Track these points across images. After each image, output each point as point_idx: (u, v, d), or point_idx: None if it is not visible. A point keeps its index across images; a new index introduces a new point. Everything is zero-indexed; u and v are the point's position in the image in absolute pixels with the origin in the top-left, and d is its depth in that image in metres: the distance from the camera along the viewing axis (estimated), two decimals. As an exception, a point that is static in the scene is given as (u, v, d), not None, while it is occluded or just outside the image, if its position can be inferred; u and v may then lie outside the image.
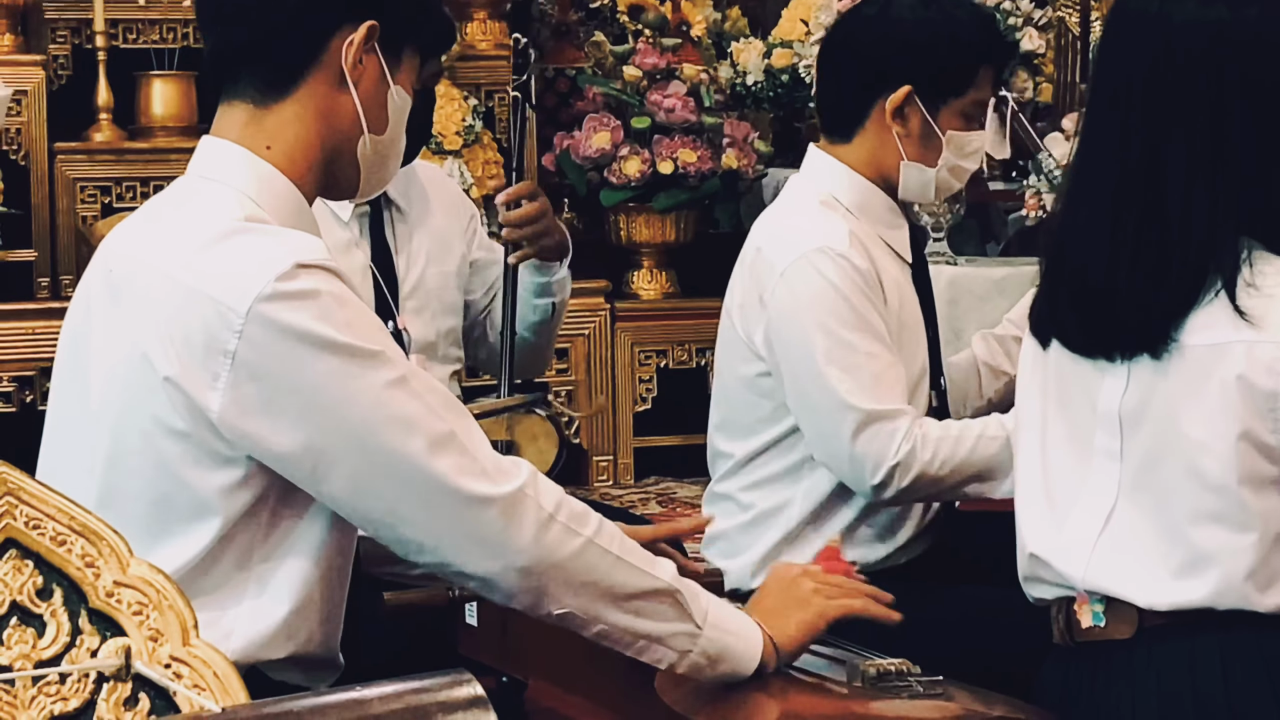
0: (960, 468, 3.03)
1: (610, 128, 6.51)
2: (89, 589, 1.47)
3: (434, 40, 2.40)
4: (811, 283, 3.06)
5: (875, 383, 3.03)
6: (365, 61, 2.27)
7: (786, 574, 2.47)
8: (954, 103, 3.17)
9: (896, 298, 3.16)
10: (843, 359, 3.03)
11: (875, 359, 3.04)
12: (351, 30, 2.25)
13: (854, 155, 3.19)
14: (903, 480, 3.02)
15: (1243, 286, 2.31)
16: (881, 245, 3.19)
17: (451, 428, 2.15)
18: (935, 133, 3.16)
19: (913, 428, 3.02)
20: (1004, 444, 3.01)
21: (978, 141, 3.22)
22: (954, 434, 3.04)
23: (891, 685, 2.38)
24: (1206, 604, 2.36)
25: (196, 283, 2.12)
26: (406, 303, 3.71)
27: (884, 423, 3.01)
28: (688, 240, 6.65)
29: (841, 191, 3.18)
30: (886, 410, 3.02)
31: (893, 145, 3.17)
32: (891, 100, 3.14)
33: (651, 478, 6.57)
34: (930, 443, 3.02)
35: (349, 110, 2.27)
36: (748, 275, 3.18)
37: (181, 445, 2.13)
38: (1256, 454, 2.32)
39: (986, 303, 5.15)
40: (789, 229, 3.16)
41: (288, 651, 2.20)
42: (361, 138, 2.28)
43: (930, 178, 3.19)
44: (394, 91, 2.30)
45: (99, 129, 6.18)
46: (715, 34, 6.92)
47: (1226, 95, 2.33)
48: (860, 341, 3.04)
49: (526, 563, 2.17)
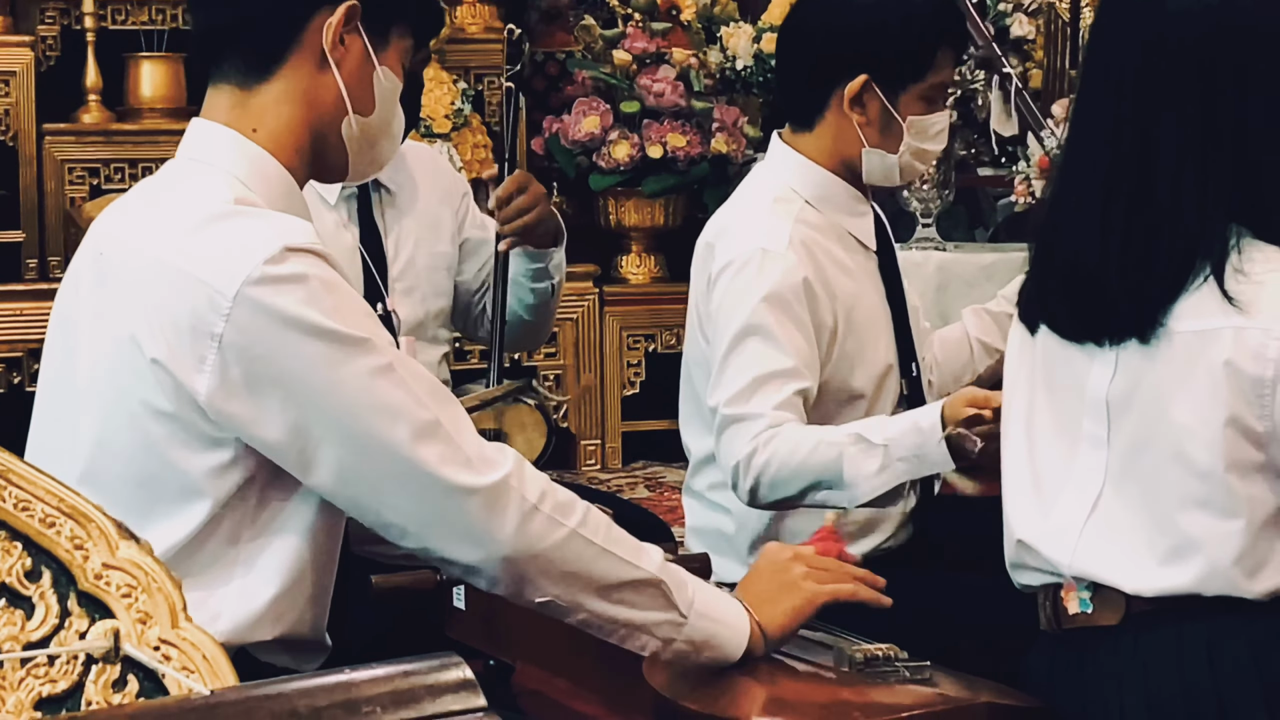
0: (797, 472, 2.93)
1: (599, 112, 6.51)
2: (78, 571, 1.47)
3: (423, 22, 2.39)
4: (736, 285, 3.05)
5: (748, 386, 2.98)
6: (348, 42, 2.26)
7: (778, 557, 2.47)
8: (913, 87, 3.14)
9: (850, 294, 3.14)
10: (735, 360, 3.01)
11: (765, 361, 2.99)
12: (331, 11, 2.24)
13: (816, 144, 3.18)
14: (745, 482, 2.96)
15: (1231, 273, 2.32)
16: (844, 236, 3.17)
17: (436, 416, 2.15)
18: (895, 119, 3.14)
19: (764, 432, 2.95)
20: (841, 449, 2.92)
21: (940, 123, 3.19)
22: (797, 438, 2.95)
23: (879, 670, 2.38)
24: (1193, 590, 2.36)
25: (185, 265, 2.11)
26: (396, 285, 3.70)
27: (739, 425, 2.97)
28: (676, 225, 6.66)
29: (800, 184, 3.17)
30: (742, 414, 2.97)
31: (853, 133, 3.15)
32: (849, 89, 3.11)
33: (639, 462, 6.58)
34: (771, 446, 2.94)
35: (332, 91, 2.26)
36: (700, 268, 3.18)
37: (169, 427, 2.13)
38: (1243, 440, 2.32)
39: (975, 288, 5.15)
40: (735, 227, 3.15)
41: (276, 633, 2.20)
42: (346, 119, 2.28)
43: (893, 163, 3.17)
44: (380, 73, 2.30)
45: (87, 110, 6.17)
46: (705, 19, 6.92)
47: (1219, 83, 2.33)
48: (756, 346, 3.00)
49: (509, 552, 2.17)
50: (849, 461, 2.92)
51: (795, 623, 2.40)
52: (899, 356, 3.22)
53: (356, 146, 2.31)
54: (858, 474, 2.91)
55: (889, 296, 3.23)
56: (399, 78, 2.34)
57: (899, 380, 3.22)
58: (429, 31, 2.43)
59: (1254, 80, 2.34)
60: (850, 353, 3.13)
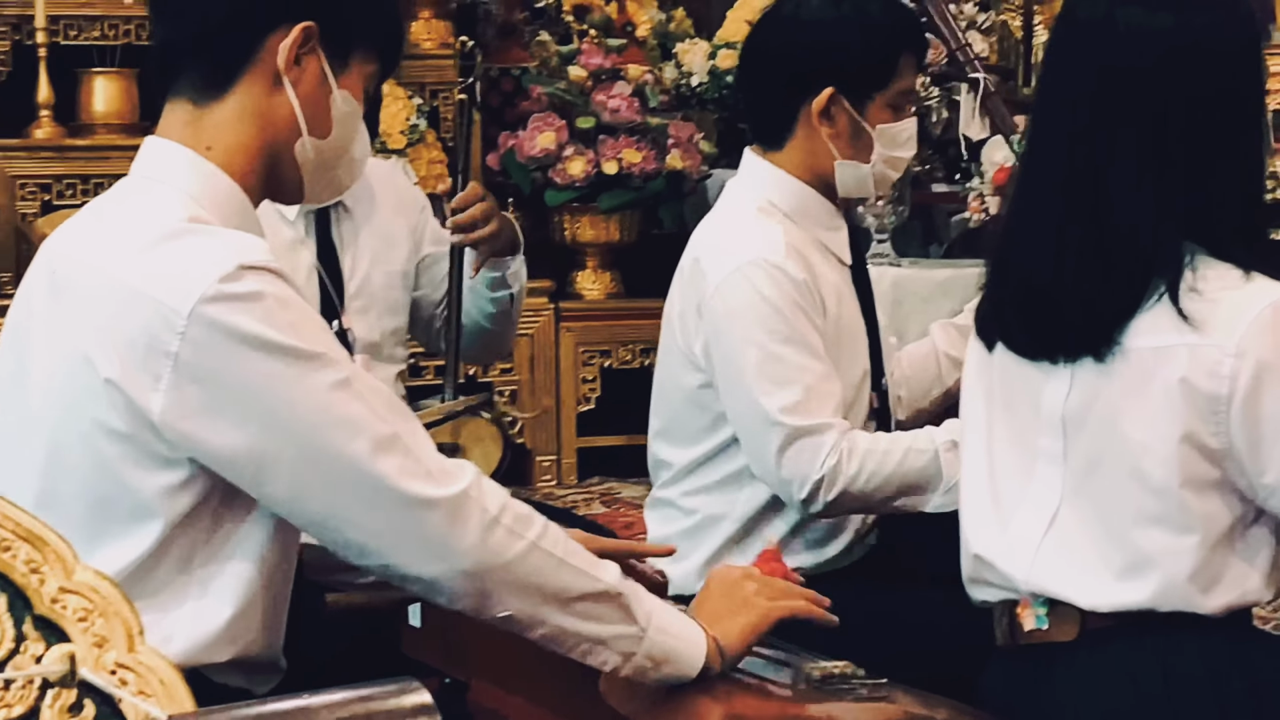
0: (887, 481, 3.02)
1: (555, 128, 6.51)
2: (34, 595, 1.46)
3: (389, 47, 2.37)
4: (745, 295, 3.05)
5: (805, 397, 3.02)
6: (305, 63, 2.25)
7: (728, 576, 2.47)
8: (879, 96, 3.15)
9: (835, 302, 3.16)
10: (773, 373, 3.03)
11: (806, 372, 3.03)
12: (287, 31, 2.23)
13: (787, 160, 3.19)
14: (828, 495, 3.01)
15: (1186, 290, 2.33)
16: (820, 249, 3.19)
17: (395, 430, 2.14)
18: (864, 129, 3.15)
19: (840, 442, 3.00)
20: (932, 457, 3.03)
21: (908, 130, 3.21)
22: (882, 448, 3.03)
23: (835, 688, 2.38)
24: (1148, 606, 2.37)
25: (138, 283, 2.10)
26: (352, 302, 3.69)
27: (809, 438, 3.01)
28: (632, 240, 6.66)
29: (778, 197, 3.18)
30: (812, 425, 3.01)
31: (824, 147, 3.16)
32: (816, 104, 3.13)
33: (595, 478, 6.57)
34: (856, 457, 3.01)
35: (286, 112, 2.25)
36: (687, 286, 3.18)
37: (122, 447, 2.12)
38: (1198, 456, 2.33)
39: (930, 304, 5.17)
40: (725, 239, 3.15)
41: (230, 654, 2.19)
42: (300, 140, 2.27)
43: (866, 173, 3.19)
44: (338, 95, 2.28)
45: (40, 126, 6.14)
46: (660, 35, 6.93)
47: (1172, 102, 2.35)
48: (792, 355, 3.03)
49: (470, 565, 2.16)
50: (948, 466, 3.02)
51: (751, 639, 2.40)
52: (872, 369, 3.24)
53: (312, 169, 2.30)
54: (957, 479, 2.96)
55: (863, 310, 3.25)
56: (359, 102, 2.32)
57: (870, 394, 3.23)
58: (394, 57, 2.40)
59: (1205, 100, 2.35)
60: (835, 359, 3.15)
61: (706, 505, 3.19)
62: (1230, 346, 2.30)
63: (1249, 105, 2.40)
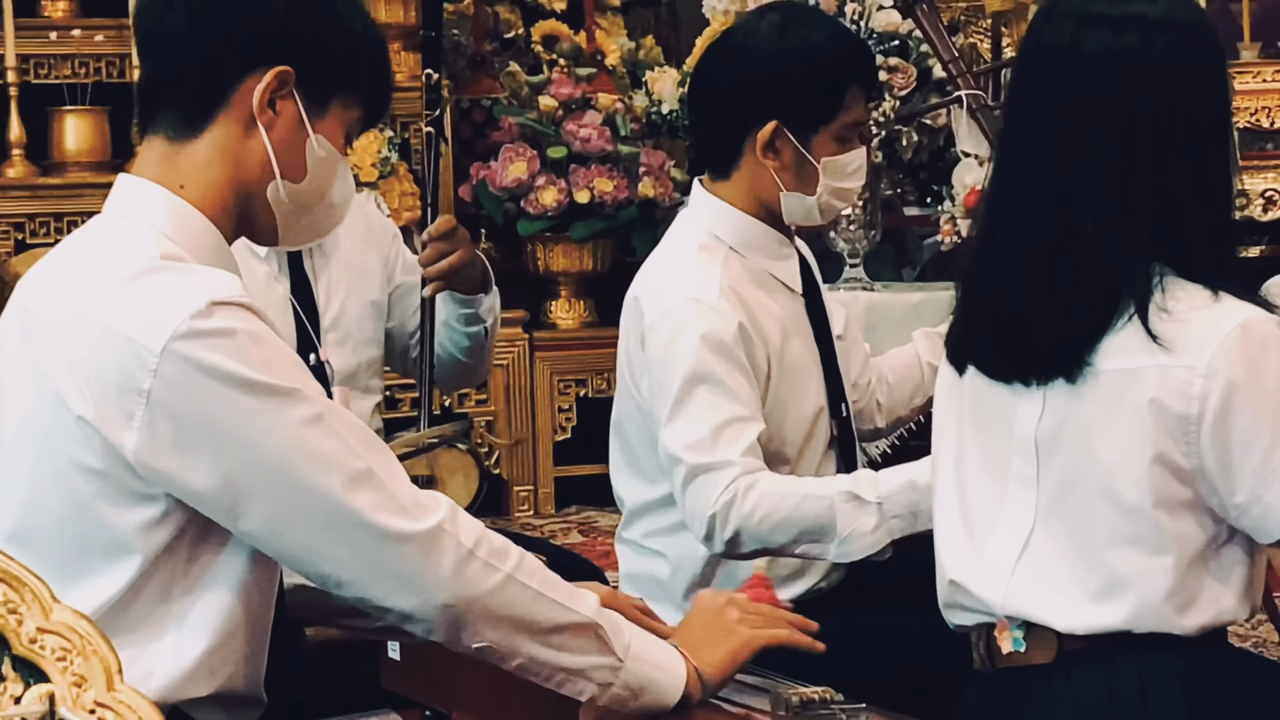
0: (782, 524, 2.95)
1: (526, 158, 6.52)
2: (11, 636, 1.46)
3: (374, 95, 2.36)
4: (673, 335, 3.04)
5: (710, 435, 2.98)
6: (280, 107, 2.25)
7: (712, 603, 2.47)
8: (824, 129, 3.12)
9: (780, 335, 3.14)
10: (685, 412, 3.01)
11: (717, 410, 2.99)
12: (263, 74, 2.24)
13: (734, 191, 3.18)
14: (723, 533, 2.95)
15: (1155, 311, 2.34)
16: (768, 280, 3.18)
17: (369, 464, 2.15)
18: (810, 161, 3.13)
19: (737, 480, 2.95)
20: (828, 505, 2.95)
21: (855, 161, 3.17)
22: (781, 489, 2.96)
23: (814, 714, 2.38)
24: (1125, 627, 2.38)
25: (110, 321, 2.11)
26: (328, 335, 3.69)
27: (707, 474, 2.97)
28: (605, 269, 6.67)
29: (724, 230, 3.17)
30: (710, 462, 2.97)
31: (769, 178, 3.14)
32: (760, 137, 3.11)
33: (572, 507, 6.57)
34: (752, 496, 2.94)
35: (260, 154, 2.26)
36: (629, 322, 3.18)
37: (97, 484, 2.12)
38: (1170, 477, 2.34)
39: (903, 327, 5.16)
40: (662, 278, 3.15)
41: (210, 689, 2.18)
42: (273, 183, 2.27)
43: (812, 204, 3.17)
44: (314, 140, 2.28)
45: (11, 165, 6.14)
46: (630, 63, 6.94)
47: (1138, 123, 2.36)
48: (705, 395, 3.01)
49: (446, 599, 2.17)
50: (842, 517, 2.94)
51: (732, 667, 2.40)
52: (829, 398, 3.23)
53: (285, 212, 2.30)
54: (851, 531, 2.93)
55: (816, 338, 3.24)
56: (339, 148, 2.32)
57: (829, 422, 3.23)
58: (380, 103, 2.39)
59: (1171, 121, 2.36)
60: (783, 397, 3.14)
61: (670, 548, 3.17)
62: (1200, 367, 2.31)
63: (1215, 125, 2.41)
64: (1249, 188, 5.45)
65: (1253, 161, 5.51)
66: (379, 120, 2.45)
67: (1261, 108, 5.67)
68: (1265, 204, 5.51)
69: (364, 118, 2.35)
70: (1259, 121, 5.67)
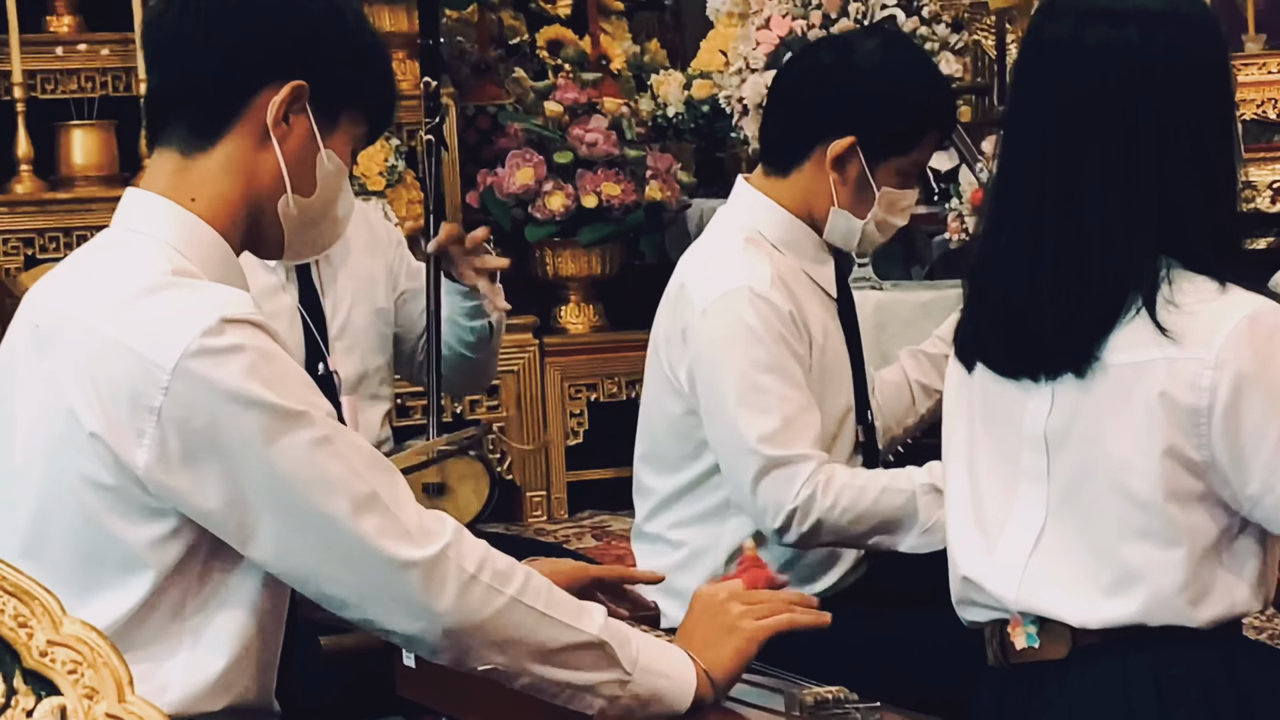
0: (862, 517, 3.02)
1: (533, 163, 6.52)
2: (22, 649, 1.46)
3: (380, 110, 2.37)
4: (729, 323, 3.06)
5: (783, 426, 3.02)
6: (293, 121, 2.26)
7: (711, 600, 2.46)
8: (894, 160, 3.17)
9: (821, 335, 3.17)
10: (753, 402, 3.04)
11: (786, 402, 3.04)
12: (278, 88, 2.24)
13: (786, 191, 3.20)
14: (802, 525, 3.01)
15: (1163, 304, 2.34)
16: (807, 281, 3.20)
17: (374, 488, 2.15)
18: (870, 186, 3.17)
19: (816, 473, 3.00)
20: (910, 497, 3.03)
21: (909, 200, 3.23)
22: (859, 483, 3.03)
23: (829, 713, 2.38)
24: (1138, 621, 2.38)
25: (122, 337, 2.11)
26: (336, 343, 3.70)
27: (786, 467, 3.01)
28: (614, 273, 6.67)
29: (768, 228, 3.19)
30: (789, 455, 3.01)
31: (826, 189, 3.17)
32: (834, 148, 3.15)
33: (585, 511, 6.57)
34: (832, 490, 3.01)
35: (272, 168, 2.26)
36: (672, 311, 3.19)
37: (109, 499, 2.12)
38: (1181, 469, 2.34)
39: (912, 327, 5.17)
40: (712, 267, 3.16)
41: (225, 703, 2.19)
42: (284, 197, 2.27)
43: (857, 228, 3.20)
44: (324, 155, 2.29)
45: (20, 180, 6.15)
46: (635, 67, 6.95)
47: (1139, 118, 2.36)
48: (773, 385, 3.04)
49: (449, 624, 2.17)
50: (924, 509, 3.02)
51: (741, 664, 2.40)
52: (856, 403, 3.25)
53: (294, 226, 2.30)
54: (935, 521, 2.98)
55: (848, 343, 3.26)
56: (346, 162, 2.32)
57: (855, 427, 3.24)
58: (384, 119, 2.40)
59: (1173, 114, 2.36)
60: (819, 392, 3.15)
61: (693, 538, 3.19)
62: (1209, 359, 2.31)
63: (1218, 118, 2.41)
64: (1256, 179, 5.44)
65: (1259, 153, 5.50)
66: (382, 134, 2.46)
67: (1267, 99, 5.66)
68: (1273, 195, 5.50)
69: (369, 133, 2.36)
70: (1265, 113, 5.66)
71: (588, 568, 2.55)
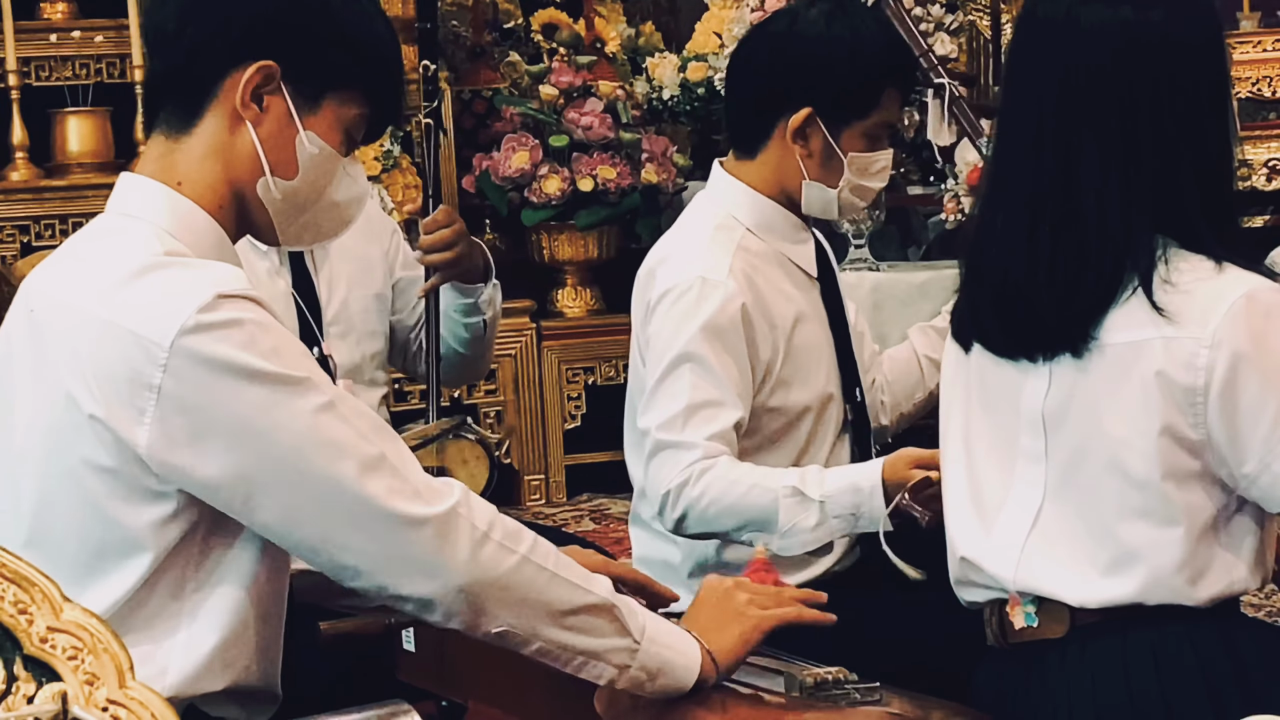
0: (727, 511, 2.97)
1: (529, 147, 6.52)
2: (23, 636, 1.46)
3: (376, 89, 2.35)
4: (676, 310, 3.06)
5: (682, 413, 3.00)
6: (269, 103, 2.25)
7: (719, 587, 2.48)
8: (856, 124, 3.15)
9: (790, 320, 3.15)
10: (669, 386, 3.03)
11: (696, 391, 3.01)
12: (246, 68, 2.24)
13: (757, 172, 3.19)
14: (673, 512, 2.99)
15: (1159, 283, 2.34)
16: (785, 263, 3.19)
17: (381, 450, 2.15)
18: (837, 154, 3.15)
19: (697, 463, 2.97)
20: (776, 497, 2.96)
21: (882, 161, 3.20)
22: (732, 477, 2.98)
23: (829, 694, 2.39)
24: (1136, 600, 2.38)
25: (117, 318, 2.11)
26: (330, 328, 3.70)
27: (669, 452, 3.00)
28: (610, 256, 6.67)
29: (742, 211, 3.19)
30: (676, 441, 2.99)
31: (794, 164, 3.16)
32: (792, 121, 3.13)
33: (584, 495, 6.57)
34: (704, 481, 2.96)
35: (248, 150, 2.26)
36: (640, 297, 3.19)
37: (110, 482, 2.13)
38: (1178, 448, 2.34)
39: (909, 307, 5.17)
40: (676, 254, 3.16)
41: (225, 683, 2.19)
42: (263, 180, 2.27)
43: (832, 197, 3.18)
44: (304, 137, 2.28)
45: (15, 168, 6.15)
46: (630, 50, 6.94)
47: (1136, 96, 2.36)
48: (689, 372, 3.02)
49: (463, 582, 2.17)
50: (784, 511, 2.96)
51: (745, 649, 2.41)
52: (841, 383, 3.24)
53: (279, 210, 2.30)
54: (792, 525, 2.95)
55: (831, 323, 3.25)
56: (336, 146, 2.30)
57: (842, 407, 3.23)
58: (390, 101, 2.36)
59: (1169, 92, 2.36)
60: (788, 378, 3.14)
61: None
62: (1205, 338, 2.31)
63: (1213, 96, 2.40)
64: (1252, 158, 5.45)
65: (1255, 131, 5.51)
66: (393, 120, 2.44)
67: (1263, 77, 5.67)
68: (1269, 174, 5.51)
69: (371, 117, 2.34)
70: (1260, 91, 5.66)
71: (609, 562, 2.56)
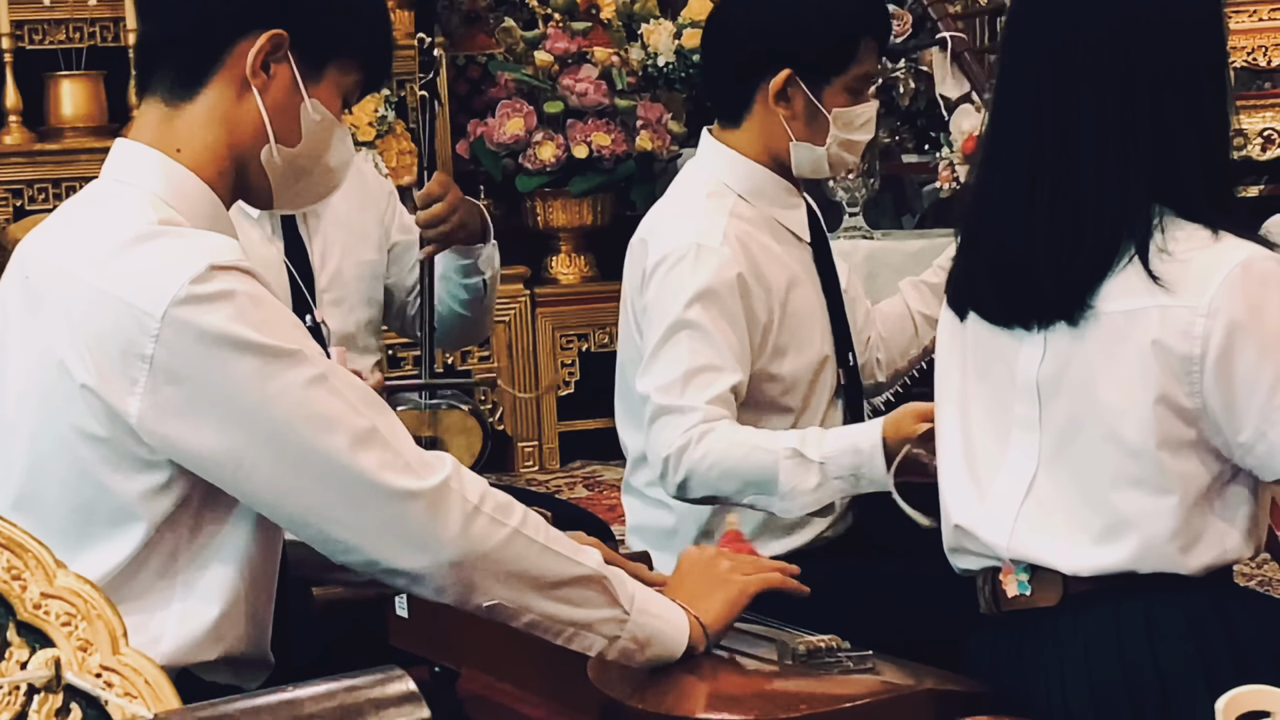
0: (729, 473, 2.96)
1: (523, 113, 6.51)
2: (16, 601, 1.46)
3: (370, 56, 2.35)
4: (673, 278, 3.06)
5: (682, 378, 3.00)
6: (275, 70, 2.25)
7: (700, 557, 2.49)
8: (836, 80, 3.15)
9: (785, 285, 3.16)
10: (667, 352, 3.03)
11: (695, 355, 3.02)
12: (256, 37, 2.23)
13: (744, 139, 3.19)
14: (676, 476, 2.98)
15: (1155, 252, 2.34)
16: (776, 229, 3.19)
17: (373, 423, 2.15)
18: (821, 112, 3.15)
19: (697, 426, 2.97)
20: (777, 459, 2.95)
21: (866, 114, 3.20)
22: (733, 439, 2.98)
23: (822, 662, 2.39)
24: (1129, 568, 2.38)
25: (110, 288, 2.11)
26: (324, 295, 3.69)
27: (670, 416, 2.99)
28: (605, 223, 6.66)
29: (732, 178, 3.19)
30: (677, 405, 2.99)
31: (780, 127, 3.16)
32: (772, 85, 3.13)
33: (577, 461, 6.58)
34: (705, 443, 2.96)
35: (254, 118, 2.25)
36: (634, 265, 3.19)
37: (101, 451, 2.12)
38: (1174, 417, 2.34)
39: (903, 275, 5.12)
40: (668, 222, 3.17)
41: (218, 653, 2.19)
42: (267, 147, 2.26)
43: (821, 155, 3.19)
44: (309, 104, 2.28)
45: (8, 131, 6.13)
46: (625, 16, 6.92)
47: (1134, 68, 2.35)
48: (687, 339, 3.03)
49: (455, 555, 2.17)
50: (785, 473, 2.95)
51: (732, 614, 2.41)
52: (835, 346, 3.24)
53: (280, 176, 2.30)
54: (793, 488, 2.94)
55: (824, 287, 3.25)
56: (335, 112, 2.31)
57: (836, 370, 3.23)
58: (379, 68, 2.38)
59: (1167, 64, 2.36)
60: (784, 344, 3.15)
61: (668, 496, 3.18)
62: (1202, 306, 2.31)
63: (1211, 66, 2.40)
64: (1247, 127, 5.44)
65: (1250, 100, 5.50)
66: (380, 84, 2.44)
67: (1258, 46, 5.66)
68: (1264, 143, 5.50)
69: (363, 81, 2.34)
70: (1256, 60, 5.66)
71: (609, 551, 2.57)
